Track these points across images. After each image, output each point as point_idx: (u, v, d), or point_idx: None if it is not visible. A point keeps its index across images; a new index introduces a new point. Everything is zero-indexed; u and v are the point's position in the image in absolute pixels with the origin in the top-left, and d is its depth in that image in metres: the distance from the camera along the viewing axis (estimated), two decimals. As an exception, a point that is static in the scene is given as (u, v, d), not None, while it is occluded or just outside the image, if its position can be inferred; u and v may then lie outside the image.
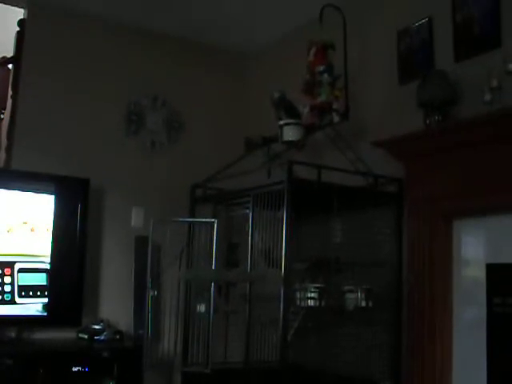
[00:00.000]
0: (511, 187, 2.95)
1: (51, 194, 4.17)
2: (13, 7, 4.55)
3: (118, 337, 4.22)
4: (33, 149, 4.29)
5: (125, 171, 4.65)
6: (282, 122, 3.61)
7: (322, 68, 3.56)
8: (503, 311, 3.06)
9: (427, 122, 3.31)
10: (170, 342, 3.70)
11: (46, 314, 4.11)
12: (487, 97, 3.01)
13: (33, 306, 4.09)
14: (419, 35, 3.63)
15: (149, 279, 3.58)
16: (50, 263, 4.12)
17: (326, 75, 3.55)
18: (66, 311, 4.17)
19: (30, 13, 4.49)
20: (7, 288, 4.01)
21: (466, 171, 3.17)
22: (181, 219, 3.85)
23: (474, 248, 3.25)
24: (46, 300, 4.11)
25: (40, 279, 4.13)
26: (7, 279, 4.02)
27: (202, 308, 3.62)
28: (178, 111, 4.96)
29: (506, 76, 2.96)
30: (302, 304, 3.32)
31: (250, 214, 3.53)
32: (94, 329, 4.19)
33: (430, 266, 3.35)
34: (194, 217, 3.97)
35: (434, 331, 3.30)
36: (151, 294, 3.62)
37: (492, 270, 3.14)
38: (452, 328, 3.29)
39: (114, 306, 4.47)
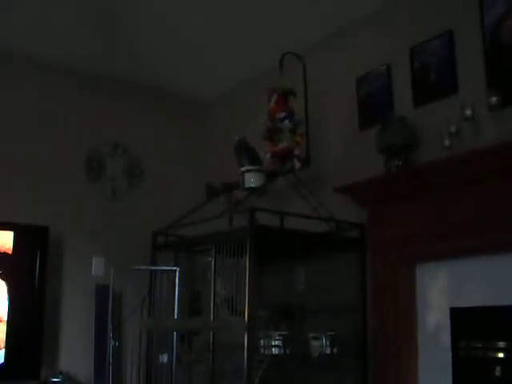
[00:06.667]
0: (473, 230, 2.97)
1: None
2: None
3: (77, 389, 4.12)
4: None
5: (85, 219, 4.58)
6: (243, 169, 3.62)
7: (282, 115, 3.58)
8: (468, 355, 3.06)
9: (387, 167, 3.33)
10: (131, 393, 3.63)
11: (2, 366, 3.98)
12: (446, 142, 3.06)
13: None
14: (378, 82, 3.68)
15: (110, 329, 3.52)
16: (7, 313, 4.02)
17: (286, 122, 3.57)
18: (23, 364, 4.05)
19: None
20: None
21: (427, 215, 3.19)
22: (142, 267, 3.80)
23: (438, 292, 3.25)
24: (2, 352, 3.99)
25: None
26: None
27: (164, 358, 3.56)
28: (139, 158, 4.93)
29: (463, 121, 3.01)
30: (267, 352, 3.29)
31: (213, 262, 3.49)
32: (53, 382, 4.08)
33: (394, 311, 3.34)
34: (155, 264, 3.91)
35: (400, 377, 3.27)
36: (112, 344, 3.55)
37: (456, 313, 3.14)
38: (418, 373, 3.27)
39: (73, 357, 4.35)
